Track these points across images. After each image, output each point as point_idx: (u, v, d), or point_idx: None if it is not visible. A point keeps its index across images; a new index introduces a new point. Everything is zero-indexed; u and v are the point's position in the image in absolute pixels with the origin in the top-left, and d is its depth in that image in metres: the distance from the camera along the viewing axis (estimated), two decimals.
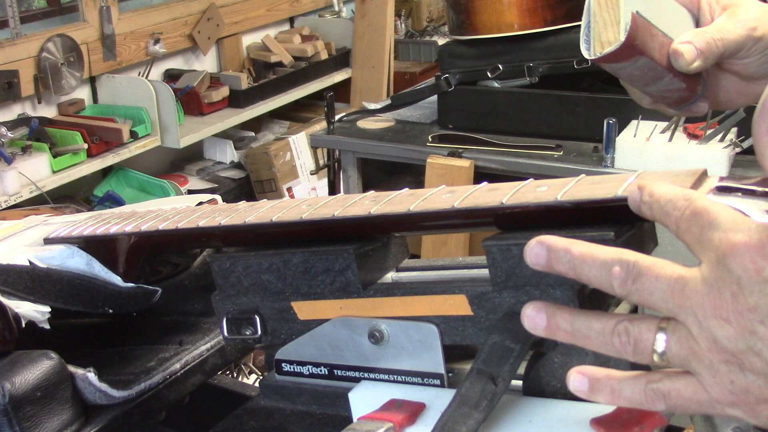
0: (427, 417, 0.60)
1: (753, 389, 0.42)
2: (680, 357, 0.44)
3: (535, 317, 0.49)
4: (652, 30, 0.70)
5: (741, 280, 0.41)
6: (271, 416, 0.73)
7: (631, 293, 0.45)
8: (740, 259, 0.41)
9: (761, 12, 0.73)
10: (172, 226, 0.77)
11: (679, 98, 0.76)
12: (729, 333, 0.42)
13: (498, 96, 2.20)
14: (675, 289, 0.44)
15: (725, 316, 0.42)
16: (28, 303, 0.78)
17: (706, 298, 0.43)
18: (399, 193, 0.65)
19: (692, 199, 0.45)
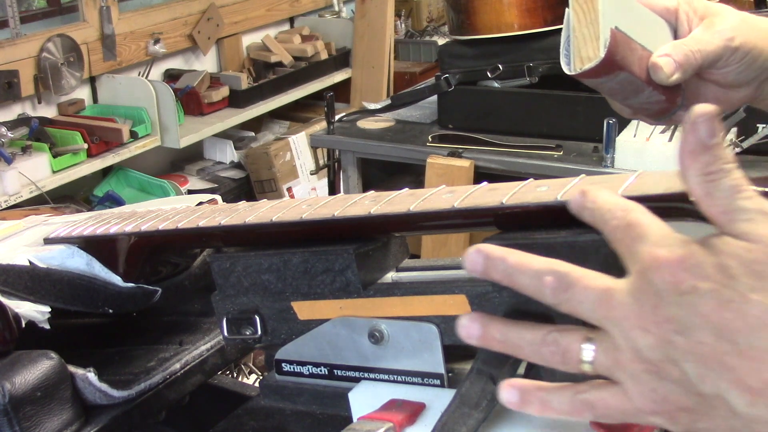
0: (427, 417, 0.60)
1: (672, 397, 0.43)
2: (606, 366, 0.46)
3: (470, 327, 0.50)
4: (631, 44, 0.70)
5: (661, 292, 0.43)
6: (271, 416, 0.73)
7: (561, 302, 0.46)
8: (661, 272, 0.43)
9: (738, 21, 0.73)
10: (172, 226, 0.77)
11: (659, 110, 0.76)
12: (649, 343, 0.43)
13: (498, 96, 2.20)
14: (602, 299, 0.45)
15: (646, 326, 0.43)
16: (28, 303, 0.78)
17: (630, 309, 0.44)
18: (399, 193, 0.65)
19: (629, 211, 0.46)
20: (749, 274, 0.41)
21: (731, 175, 0.44)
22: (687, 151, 0.45)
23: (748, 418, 0.41)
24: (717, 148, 0.44)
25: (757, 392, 0.41)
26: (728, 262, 0.42)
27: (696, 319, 0.42)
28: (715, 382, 0.42)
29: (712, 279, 0.42)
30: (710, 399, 0.42)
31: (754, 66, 0.73)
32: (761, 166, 1.86)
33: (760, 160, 1.88)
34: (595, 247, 0.53)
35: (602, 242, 0.53)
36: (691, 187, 0.45)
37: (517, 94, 2.19)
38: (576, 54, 0.70)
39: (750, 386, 0.41)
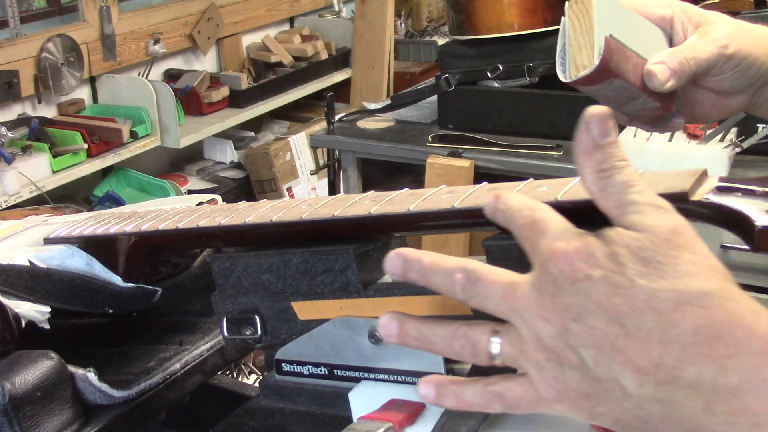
0: (427, 417, 0.60)
1: (572, 384, 0.45)
2: (512, 357, 0.48)
3: (388, 326, 0.52)
4: (625, 52, 0.71)
5: (558, 281, 0.45)
6: (271, 416, 0.74)
7: (470, 298, 0.49)
8: (558, 262, 0.45)
9: (732, 29, 0.74)
10: (172, 226, 0.77)
11: (654, 116, 0.76)
12: (549, 331, 0.45)
13: (498, 96, 2.20)
14: (506, 293, 0.47)
15: (546, 315, 0.45)
16: (28, 303, 0.78)
17: (531, 300, 0.46)
18: (399, 193, 0.65)
19: (534, 210, 0.48)
20: (637, 261, 0.43)
21: (624, 171, 0.47)
22: (581, 150, 0.47)
23: (638, 399, 0.43)
24: (610, 147, 0.47)
25: (645, 372, 0.42)
26: (618, 250, 0.44)
27: (590, 306, 0.44)
28: (608, 366, 0.43)
29: (604, 267, 0.44)
30: (605, 382, 0.44)
31: (749, 73, 0.74)
32: (761, 166, 1.86)
33: (760, 160, 1.88)
34: None
35: None
36: (587, 184, 0.48)
37: (517, 94, 2.19)
38: (571, 61, 0.71)
39: (639, 367, 0.42)
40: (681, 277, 0.43)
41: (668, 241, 0.44)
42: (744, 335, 0.41)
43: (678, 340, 0.42)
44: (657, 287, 0.43)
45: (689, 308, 0.42)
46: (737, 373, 0.41)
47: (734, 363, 0.41)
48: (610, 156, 0.47)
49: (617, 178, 0.47)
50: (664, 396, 0.42)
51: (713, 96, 0.78)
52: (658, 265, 0.43)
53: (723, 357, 0.41)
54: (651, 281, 0.43)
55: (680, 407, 0.42)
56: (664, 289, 0.42)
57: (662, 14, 0.77)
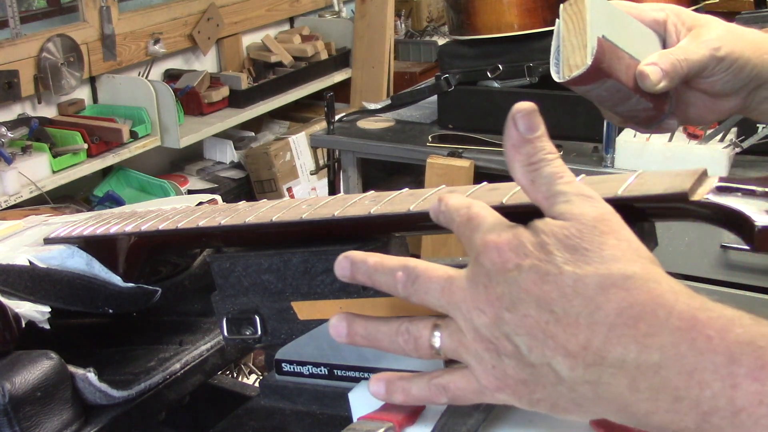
0: (427, 417, 0.60)
1: (510, 372, 0.46)
2: (453, 350, 0.49)
3: (338, 326, 0.54)
4: (618, 53, 0.72)
5: (490, 272, 0.46)
6: (271, 416, 0.74)
7: (411, 294, 0.50)
8: (489, 254, 0.47)
9: (724, 32, 0.76)
10: (172, 226, 0.77)
11: (647, 117, 0.78)
12: (485, 322, 0.47)
13: (498, 96, 2.20)
14: (444, 287, 0.49)
15: (481, 306, 0.47)
16: (28, 303, 0.78)
17: (467, 293, 0.47)
18: (399, 193, 0.65)
19: (470, 207, 0.50)
20: (563, 249, 0.45)
21: (552, 164, 0.48)
22: (510, 145, 0.49)
23: (571, 382, 0.44)
24: (537, 141, 0.48)
25: (574, 355, 0.44)
26: (546, 239, 0.45)
27: (521, 294, 0.45)
28: (541, 352, 0.45)
29: (533, 256, 0.45)
30: (540, 368, 0.45)
31: (741, 75, 0.75)
32: (761, 166, 1.86)
33: (760, 160, 1.88)
34: None
35: None
36: (517, 177, 0.49)
37: (517, 94, 2.18)
38: (565, 62, 0.72)
39: (569, 351, 0.44)
40: (605, 261, 0.44)
41: (594, 228, 0.45)
42: (664, 314, 0.43)
43: (603, 322, 0.43)
44: (582, 273, 0.44)
45: (613, 291, 0.43)
46: (658, 351, 0.42)
47: (655, 341, 0.42)
48: (538, 149, 0.48)
49: (545, 170, 0.48)
50: (593, 377, 0.44)
51: (706, 98, 0.79)
52: (584, 252, 0.45)
53: (644, 336, 0.42)
54: (577, 267, 0.44)
55: (608, 387, 0.43)
56: (589, 274, 0.44)
57: (656, 17, 0.78)
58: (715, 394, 0.41)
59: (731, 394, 0.40)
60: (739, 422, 0.40)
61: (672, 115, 0.79)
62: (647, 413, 0.43)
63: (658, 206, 0.53)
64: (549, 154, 0.49)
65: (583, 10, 0.72)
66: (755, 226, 0.47)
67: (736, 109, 0.80)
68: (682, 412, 0.42)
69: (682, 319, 0.42)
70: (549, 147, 0.49)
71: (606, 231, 0.45)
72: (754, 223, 0.47)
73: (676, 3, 2.18)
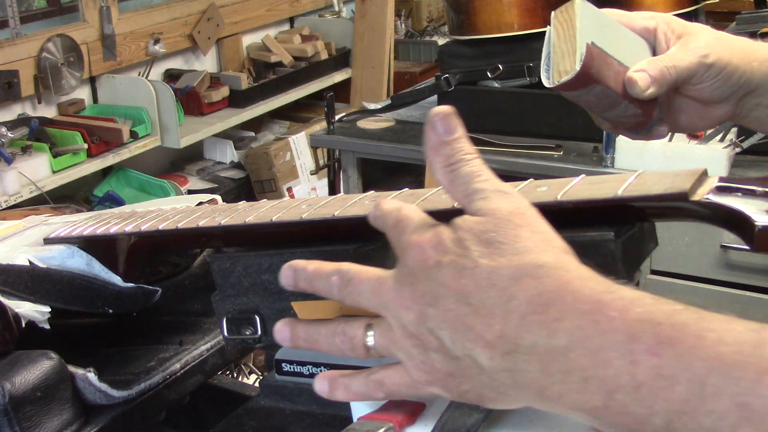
0: (427, 417, 0.60)
1: (437, 365, 0.48)
2: (385, 347, 0.51)
3: (282, 331, 0.57)
4: (607, 59, 0.74)
5: (414, 271, 0.48)
6: (271, 416, 0.74)
7: (345, 297, 0.52)
8: (412, 253, 0.49)
9: (713, 39, 0.77)
10: (172, 226, 0.77)
11: (636, 123, 0.79)
12: (411, 318, 0.48)
13: (498, 96, 2.20)
14: (375, 288, 0.51)
15: (407, 304, 0.48)
16: (28, 303, 0.78)
17: (394, 292, 0.49)
18: (399, 193, 0.65)
19: (399, 210, 0.52)
20: (479, 243, 0.47)
21: (470, 163, 0.50)
22: (430, 148, 0.51)
23: (491, 371, 0.46)
24: (455, 143, 0.50)
25: (492, 345, 0.45)
26: (463, 235, 0.47)
27: (441, 290, 0.47)
28: (463, 344, 0.46)
29: (452, 252, 0.47)
30: (463, 360, 0.47)
31: (730, 82, 0.77)
32: (761, 166, 1.86)
33: (760, 160, 1.88)
34: (595, 246, 0.53)
35: (601, 241, 0.53)
36: (438, 178, 0.51)
37: (517, 94, 2.19)
38: (555, 68, 0.74)
39: (487, 341, 0.45)
40: (518, 253, 0.46)
41: (508, 221, 0.47)
42: (571, 299, 0.44)
43: (516, 310, 0.45)
44: (497, 265, 0.46)
45: (525, 280, 0.45)
46: (565, 335, 0.43)
47: (562, 325, 0.44)
48: (456, 150, 0.50)
49: (464, 170, 0.50)
50: (510, 365, 0.45)
51: (697, 105, 0.80)
52: (498, 245, 0.46)
53: (553, 321, 0.44)
54: (492, 260, 0.46)
55: (523, 373, 0.45)
56: (503, 266, 0.46)
57: (646, 25, 0.80)
58: (617, 371, 0.42)
59: (632, 370, 0.41)
60: (640, 397, 0.41)
61: (662, 121, 0.81)
62: (560, 395, 0.44)
63: (658, 206, 0.53)
64: (467, 154, 0.50)
65: (573, 17, 0.73)
66: (755, 226, 0.47)
67: (726, 116, 0.81)
68: (590, 391, 0.43)
69: (587, 303, 0.44)
70: (467, 148, 0.51)
71: (520, 224, 0.47)
72: (754, 223, 0.47)
73: (676, 3, 2.17)
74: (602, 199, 0.53)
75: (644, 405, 0.41)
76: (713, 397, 0.39)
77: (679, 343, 0.41)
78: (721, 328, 0.41)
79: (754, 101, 0.79)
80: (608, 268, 0.52)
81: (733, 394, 0.39)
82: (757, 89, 0.78)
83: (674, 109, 0.81)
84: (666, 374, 0.41)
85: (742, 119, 0.82)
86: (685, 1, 2.08)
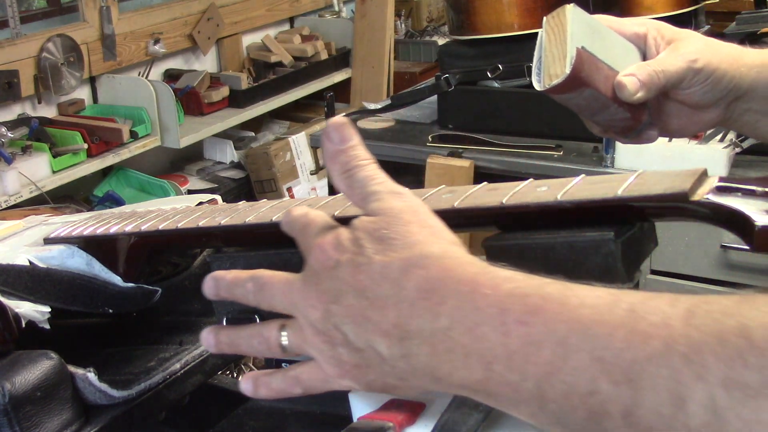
0: (427, 417, 0.60)
1: (345, 359, 0.51)
2: (298, 346, 0.54)
3: (207, 338, 0.60)
4: (597, 63, 0.76)
5: (318, 271, 0.52)
6: (271, 416, 0.74)
7: (260, 301, 0.56)
8: (315, 254, 0.52)
9: (702, 45, 0.79)
10: (172, 226, 0.77)
11: (625, 127, 0.81)
12: (318, 316, 0.51)
13: (498, 96, 2.20)
14: (285, 291, 0.54)
15: (313, 303, 0.51)
16: (28, 303, 0.78)
17: (302, 293, 0.52)
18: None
19: (306, 215, 0.55)
20: (374, 241, 0.50)
21: (366, 168, 0.54)
22: (327, 157, 0.54)
23: (390, 359, 0.49)
24: (351, 150, 0.54)
25: (388, 334, 0.48)
26: (359, 235, 0.51)
27: (342, 287, 0.50)
28: (364, 336, 0.49)
29: (349, 251, 0.50)
30: (366, 351, 0.50)
31: (719, 87, 0.79)
32: (761, 166, 1.86)
33: (760, 160, 1.88)
34: (594, 246, 0.53)
35: (601, 241, 0.53)
36: (337, 184, 0.54)
37: (517, 94, 2.18)
38: (546, 71, 0.76)
39: (384, 330, 0.48)
40: (408, 246, 0.49)
41: (399, 218, 0.50)
42: (452, 282, 0.47)
43: (406, 299, 0.48)
44: (389, 260, 0.49)
45: (413, 270, 0.48)
46: (447, 316, 0.46)
47: (444, 308, 0.47)
48: (352, 157, 0.54)
49: (360, 175, 0.53)
50: (406, 351, 0.48)
51: (687, 109, 0.82)
52: (390, 241, 0.49)
53: (436, 305, 0.47)
54: (384, 255, 0.49)
55: (417, 358, 0.48)
56: (394, 260, 0.49)
57: (636, 31, 0.82)
58: (492, 343, 0.45)
59: (504, 340, 0.44)
60: (513, 365, 0.44)
61: (652, 126, 0.83)
62: (449, 374, 0.47)
63: (658, 206, 0.53)
64: (363, 160, 0.54)
65: (564, 22, 0.75)
66: (755, 226, 0.47)
67: (717, 121, 0.83)
68: (471, 366, 0.45)
69: (465, 284, 0.47)
70: (363, 154, 0.54)
71: (411, 220, 0.50)
72: (754, 223, 0.47)
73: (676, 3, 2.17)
74: (602, 199, 0.53)
75: (517, 372, 0.44)
76: (574, 355, 0.42)
77: (545, 310, 0.44)
78: (583, 294, 0.44)
79: (743, 106, 0.81)
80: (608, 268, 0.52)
81: (591, 350, 0.41)
82: (746, 94, 0.80)
83: (665, 114, 0.83)
84: (534, 340, 0.43)
85: (732, 124, 0.84)
86: (685, 1, 2.08)
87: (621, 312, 0.42)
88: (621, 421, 0.40)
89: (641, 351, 0.40)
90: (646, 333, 0.40)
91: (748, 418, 0.37)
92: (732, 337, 0.38)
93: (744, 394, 0.37)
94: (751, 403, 0.37)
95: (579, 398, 0.42)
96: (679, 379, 0.39)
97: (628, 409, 0.40)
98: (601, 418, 0.41)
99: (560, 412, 0.43)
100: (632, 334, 0.41)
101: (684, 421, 0.38)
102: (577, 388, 0.42)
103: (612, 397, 0.40)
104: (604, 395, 0.41)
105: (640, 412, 0.40)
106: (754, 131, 0.84)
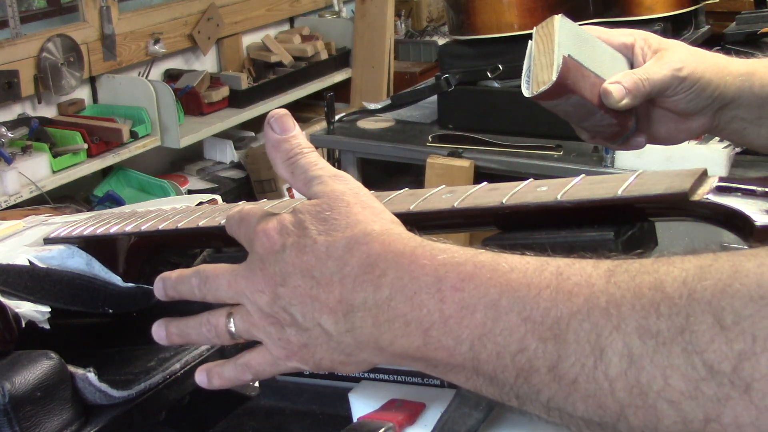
0: (427, 417, 0.60)
1: (293, 339, 0.52)
2: (246, 331, 0.56)
3: (157, 331, 0.62)
4: (583, 71, 0.78)
5: (263, 257, 0.53)
6: (271, 416, 0.74)
7: (206, 295, 0.58)
8: (260, 240, 0.53)
9: (687, 54, 0.82)
10: (172, 226, 0.78)
11: (612, 133, 0.83)
12: (266, 300, 0.53)
13: (498, 96, 2.21)
14: (230, 281, 0.55)
15: (260, 288, 0.53)
16: (28, 303, 0.78)
17: (248, 280, 0.54)
18: (399, 193, 0.65)
19: (241, 210, 0.57)
20: (317, 222, 0.52)
21: (307, 156, 0.55)
22: (270, 146, 0.56)
23: (337, 335, 0.51)
24: (292, 139, 0.56)
25: (334, 310, 0.50)
26: (303, 217, 0.52)
27: (288, 269, 0.52)
28: (312, 315, 0.51)
29: (293, 234, 0.52)
30: (313, 330, 0.51)
31: (704, 95, 0.81)
32: (761, 166, 1.86)
33: (760, 160, 1.88)
34: (595, 246, 0.53)
35: (601, 241, 0.53)
36: (281, 172, 0.56)
37: (517, 94, 2.16)
38: (534, 79, 0.79)
39: (330, 307, 0.50)
40: (350, 226, 0.51)
41: (341, 200, 0.52)
42: (393, 256, 0.49)
43: (350, 274, 0.50)
44: (332, 239, 0.51)
45: (356, 247, 0.50)
46: (387, 287, 0.48)
47: (385, 280, 0.49)
48: (294, 146, 0.56)
49: (301, 161, 0.55)
50: (350, 325, 0.50)
51: (674, 117, 0.84)
52: (333, 222, 0.51)
53: (378, 277, 0.49)
54: (328, 235, 0.51)
55: (361, 330, 0.49)
56: (338, 239, 0.51)
57: (624, 41, 0.85)
58: (430, 310, 0.47)
59: (440, 306, 0.46)
60: (448, 329, 0.46)
61: (640, 132, 0.85)
62: (390, 343, 0.48)
63: (658, 206, 0.53)
64: (304, 148, 0.56)
65: (552, 32, 0.78)
66: (755, 225, 0.47)
67: (704, 129, 0.85)
68: (411, 333, 0.47)
69: (404, 257, 0.49)
70: (304, 143, 0.56)
71: (352, 202, 0.52)
72: (754, 223, 0.47)
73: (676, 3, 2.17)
74: (602, 199, 0.53)
75: (452, 336, 0.46)
76: (504, 316, 0.44)
77: (477, 277, 0.46)
78: (513, 260, 0.47)
79: (730, 114, 0.83)
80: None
81: (519, 311, 0.44)
82: (732, 102, 0.82)
83: (653, 122, 0.85)
84: (468, 305, 0.46)
85: (720, 132, 0.86)
86: (685, 1, 2.08)
87: (548, 275, 0.44)
88: (547, 375, 0.42)
89: (566, 308, 0.42)
90: (571, 291, 0.43)
91: (661, 363, 0.38)
92: (647, 291, 0.40)
93: (656, 341, 0.39)
94: (663, 349, 0.39)
95: (510, 357, 0.44)
96: (599, 331, 0.41)
97: (553, 362, 0.42)
98: (530, 374, 0.43)
99: (493, 373, 0.45)
100: (558, 293, 0.43)
101: (604, 370, 0.40)
102: (508, 348, 0.44)
103: (539, 353, 0.43)
104: (531, 352, 0.43)
105: (564, 365, 0.42)
106: (741, 138, 0.86)
